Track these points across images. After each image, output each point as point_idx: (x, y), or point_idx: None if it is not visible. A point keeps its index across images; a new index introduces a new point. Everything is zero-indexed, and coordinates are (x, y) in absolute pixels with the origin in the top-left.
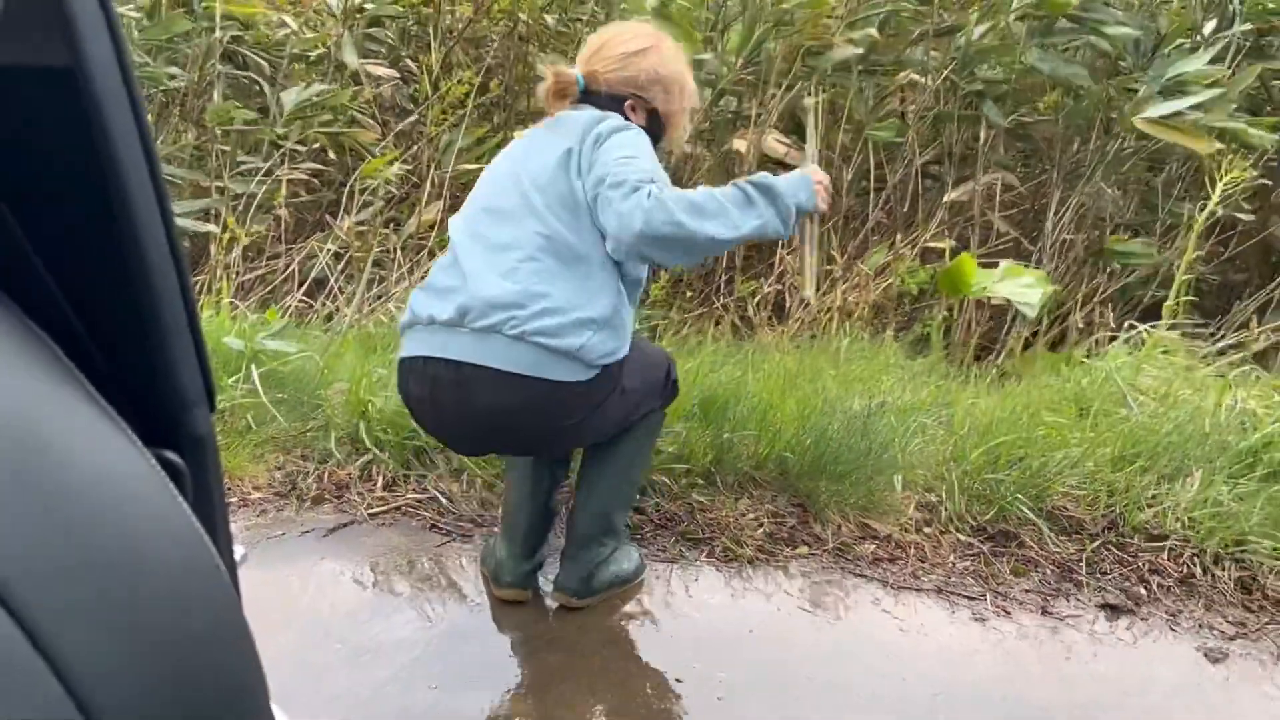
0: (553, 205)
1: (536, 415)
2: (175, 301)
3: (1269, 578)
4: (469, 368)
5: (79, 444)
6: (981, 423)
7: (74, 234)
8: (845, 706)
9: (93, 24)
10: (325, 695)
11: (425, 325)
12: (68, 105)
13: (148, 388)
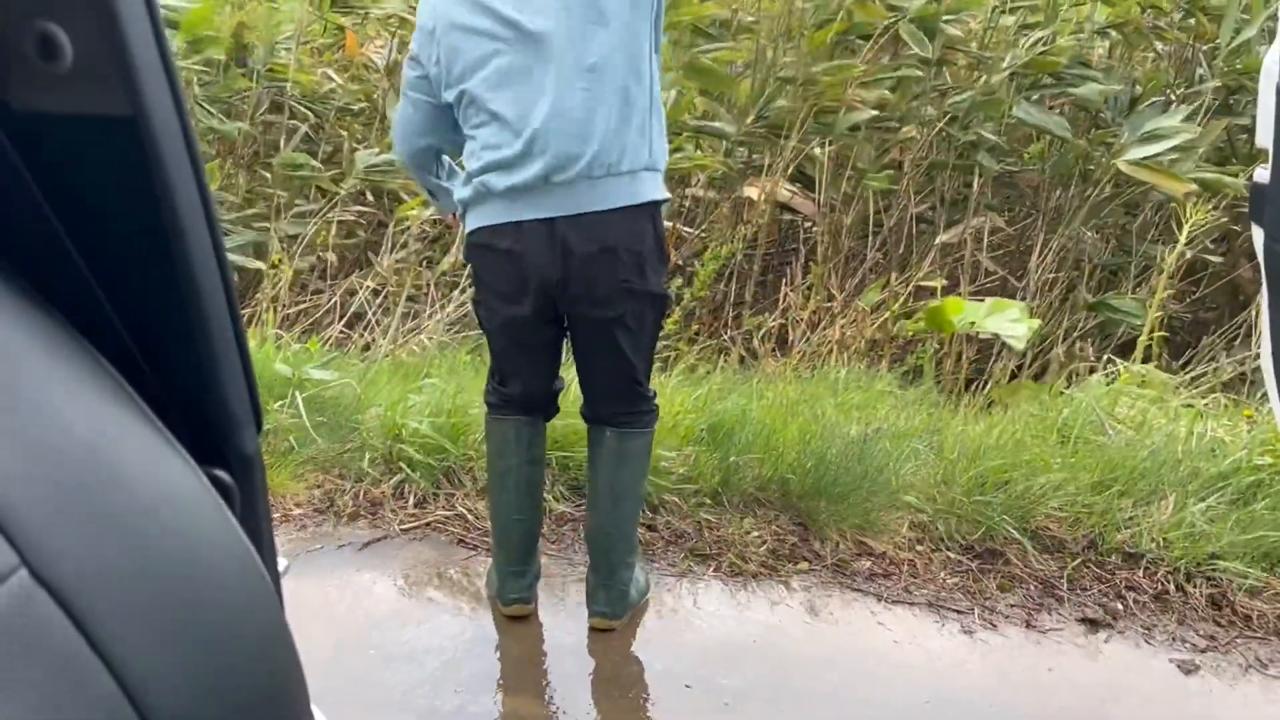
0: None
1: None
2: (226, 331)
3: (1238, 595)
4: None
5: (139, 464)
6: (970, 448)
7: (133, 268)
8: (842, 712)
9: (153, 77)
10: (360, 697)
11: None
12: (130, 150)
13: (200, 410)
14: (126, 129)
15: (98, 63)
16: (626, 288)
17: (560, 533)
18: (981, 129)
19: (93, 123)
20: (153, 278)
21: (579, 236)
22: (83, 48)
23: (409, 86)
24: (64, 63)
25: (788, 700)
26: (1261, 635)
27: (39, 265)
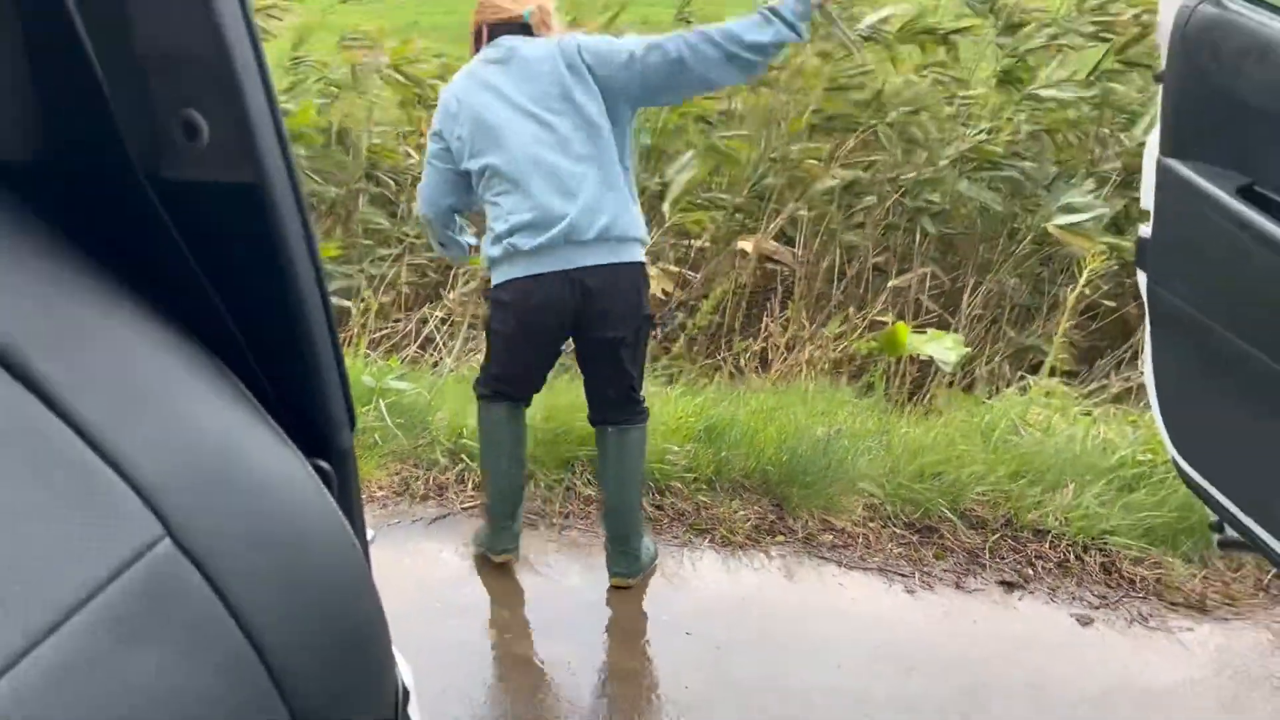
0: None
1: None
2: (327, 350)
3: (1124, 563)
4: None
5: (259, 456)
6: (912, 446)
7: (255, 301)
8: (810, 655)
9: (272, 153)
10: (430, 641)
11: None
12: (254, 209)
13: (306, 413)
14: (251, 193)
15: (229, 142)
16: (630, 314)
17: (587, 510)
18: (929, 198)
19: (225, 188)
20: (270, 308)
21: (595, 279)
22: (218, 130)
23: (433, 157)
24: (203, 142)
25: (768, 646)
26: (1143, 595)
27: (182, 299)
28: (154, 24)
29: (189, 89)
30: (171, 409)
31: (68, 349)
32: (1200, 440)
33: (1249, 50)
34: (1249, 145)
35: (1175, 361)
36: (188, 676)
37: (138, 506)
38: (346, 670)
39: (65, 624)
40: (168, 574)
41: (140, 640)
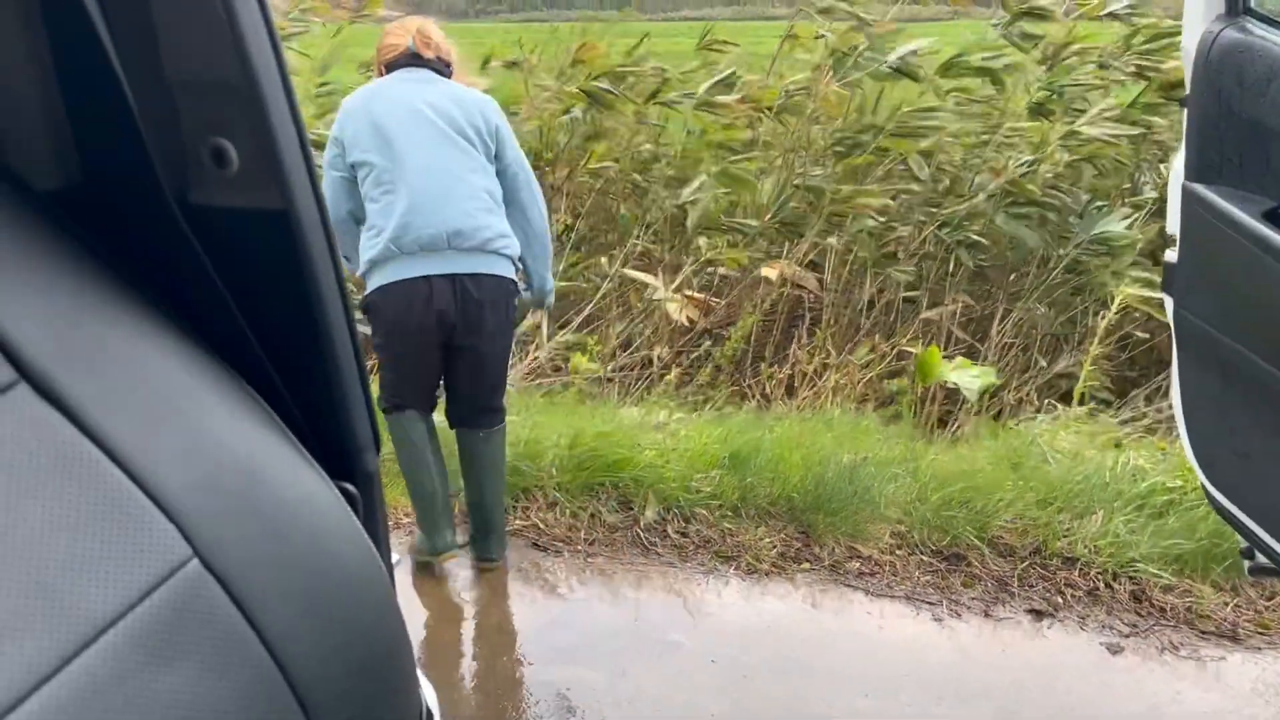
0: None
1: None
2: (353, 376)
3: (1154, 591)
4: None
5: (285, 479)
6: (939, 473)
7: (281, 326)
8: (836, 683)
9: (299, 180)
10: (455, 662)
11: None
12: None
13: (332, 437)
14: (278, 219)
15: (257, 169)
16: (502, 326)
17: (612, 538)
18: (969, 231)
19: (252, 214)
20: (296, 332)
21: (475, 286)
22: (246, 157)
23: (329, 164)
24: (232, 169)
25: (793, 673)
26: (1173, 624)
27: (210, 322)
28: (184, 55)
29: (219, 118)
30: (198, 431)
31: (97, 370)
32: (1229, 465)
33: (1273, 73)
34: (1274, 168)
35: (1203, 386)
36: (214, 694)
37: (166, 527)
38: (370, 690)
39: (96, 641)
40: (195, 594)
41: (168, 658)
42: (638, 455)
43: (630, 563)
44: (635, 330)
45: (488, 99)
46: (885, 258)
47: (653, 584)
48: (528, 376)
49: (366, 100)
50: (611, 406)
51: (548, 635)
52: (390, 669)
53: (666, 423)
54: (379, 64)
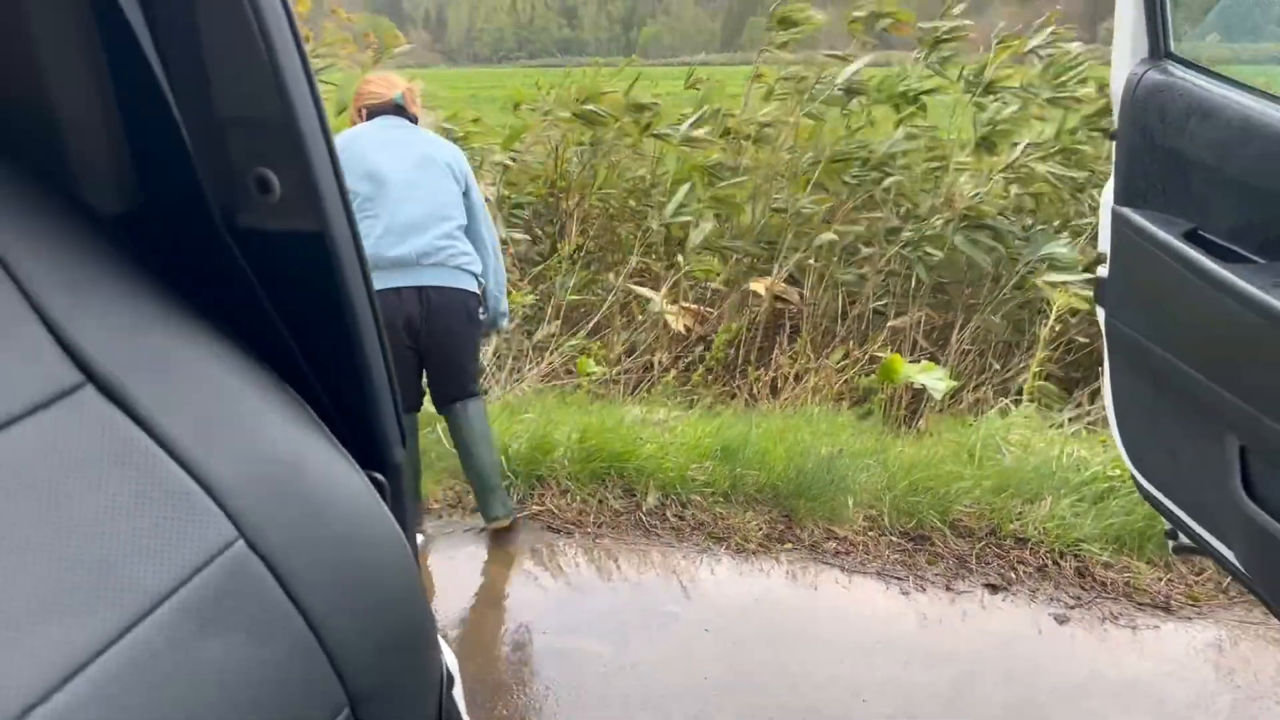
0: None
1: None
2: (382, 379)
3: (1096, 567)
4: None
5: (322, 469)
6: (906, 464)
7: (319, 334)
8: (815, 649)
9: (334, 206)
10: (475, 635)
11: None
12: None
13: (363, 432)
14: (317, 240)
15: (297, 195)
16: (465, 326)
17: (618, 521)
18: (928, 250)
19: (293, 236)
20: (332, 340)
21: (438, 296)
22: (288, 185)
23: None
24: (274, 196)
25: (778, 640)
26: (1113, 597)
27: (255, 332)
28: (233, 95)
29: (262, 149)
30: (246, 429)
31: (156, 375)
32: (1152, 455)
33: (1192, 111)
34: (1193, 195)
35: (1130, 385)
36: (257, 660)
37: (215, 512)
38: (397, 657)
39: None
40: (241, 571)
41: (216, 628)
42: (640, 448)
43: (633, 543)
44: (638, 338)
45: (455, 147)
46: (856, 275)
47: (653, 562)
48: (544, 379)
49: (355, 139)
50: (616, 405)
51: (559, 608)
52: (415, 638)
53: (665, 419)
54: (357, 108)
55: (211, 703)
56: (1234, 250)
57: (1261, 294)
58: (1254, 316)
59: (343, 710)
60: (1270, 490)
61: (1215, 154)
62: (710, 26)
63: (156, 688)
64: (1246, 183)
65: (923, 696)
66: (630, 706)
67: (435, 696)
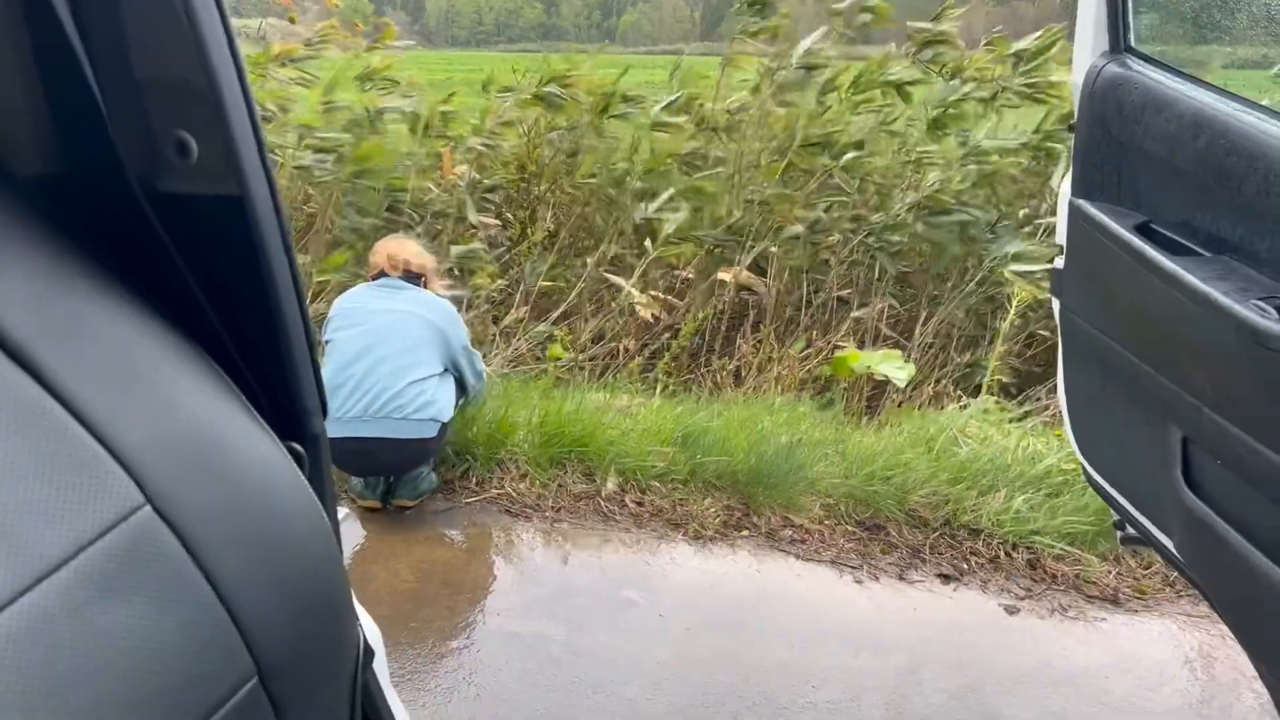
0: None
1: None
2: (302, 347)
3: (1048, 560)
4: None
5: (236, 437)
6: (864, 454)
7: (237, 300)
8: (767, 635)
9: (254, 170)
10: (426, 615)
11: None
12: (237, 219)
13: (282, 401)
14: (236, 205)
15: (216, 159)
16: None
17: (576, 505)
18: (890, 238)
19: (212, 200)
20: (251, 307)
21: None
22: (206, 148)
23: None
24: (192, 159)
25: (731, 626)
26: (1063, 589)
27: (172, 299)
28: (148, 53)
29: (180, 111)
30: (159, 395)
31: (67, 339)
32: (1101, 446)
33: (1147, 104)
34: (1145, 188)
35: (1082, 377)
36: (160, 627)
37: (122, 477)
38: (310, 629)
39: (49, 578)
40: (146, 537)
41: (118, 594)
42: (601, 433)
43: (592, 528)
44: (607, 325)
45: (446, 303)
46: (818, 264)
47: (611, 547)
48: (509, 364)
49: (345, 297)
50: (581, 390)
51: (514, 591)
52: (330, 611)
53: (628, 406)
54: (369, 275)
55: (110, 668)
56: (1182, 243)
57: (1205, 287)
58: (1197, 309)
59: (250, 679)
60: (1208, 480)
61: (1167, 147)
62: (690, 16)
63: (52, 652)
64: (1194, 176)
65: (871, 684)
66: (580, 690)
67: (351, 669)
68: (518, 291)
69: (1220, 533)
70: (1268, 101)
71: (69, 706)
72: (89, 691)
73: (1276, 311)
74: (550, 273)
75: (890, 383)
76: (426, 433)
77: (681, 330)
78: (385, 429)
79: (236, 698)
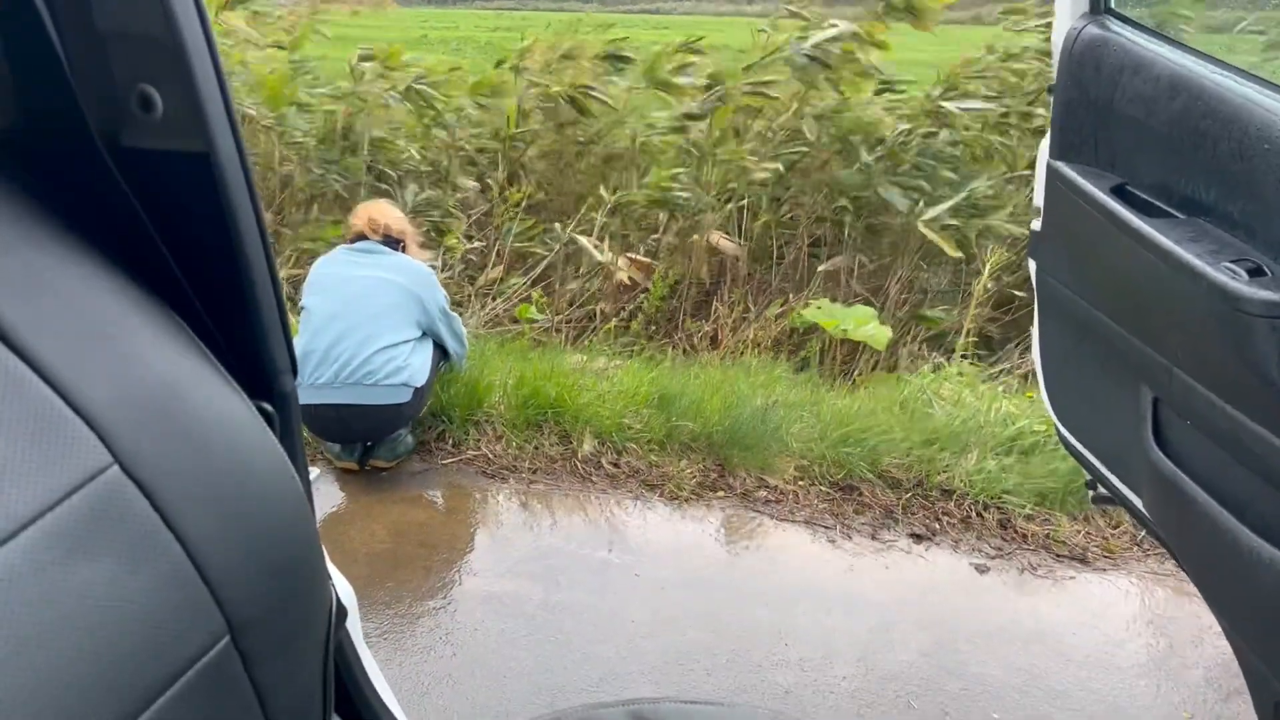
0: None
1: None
2: (271, 304)
3: (1018, 519)
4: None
5: (204, 395)
6: (839, 415)
7: (204, 257)
8: (741, 595)
9: (220, 125)
10: (402, 575)
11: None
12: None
13: (251, 359)
14: (201, 160)
15: (181, 114)
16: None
17: (553, 467)
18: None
19: (177, 156)
20: (218, 264)
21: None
22: (170, 103)
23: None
24: (157, 114)
25: (705, 586)
26: (1033, 548)
27: (138, 256)
28: (110, 4)
29: (144, 65)
30: (124, 351)
31: (29, 294)
32: (1076, 409)
33: (1125, 66)
34: (1122, 150)
35: (1057, 339)
36: (129, 586)
37: (89, 436)
38: (281, 587)
39: (15, 538)
40: (114, 497)
41: (86, 553)
42: (577, 395)
43: (568, 490)
44: (584, 288)
45: (423, 267)
46: (783, 221)
47: (588, 509)
48: (485, 325)
49: (322, 261)
50: (557, 352)
51: (491, 551)
52: (301, 569)
53: (604, 368)
54: (348, 237)
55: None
56: (1157, 206)
57: (1177, 249)
58: (1170, 271)
59: (223, 638)
60: (1177, 440)
61: (1143, 108)
62: None
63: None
64: (1170, 138)
65: (843, 642)
66: (553, 648)
67: (323, 628)
68: (493, 253)
69: (1188, 491)
70: (1244, 65)
71: (36, 665)
72: (57, 650)
73: (1247, 274)
74: (527, 233)
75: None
76: (399, 398)
77: (652, 291)
78: (356, 395)
79: (208, 656)
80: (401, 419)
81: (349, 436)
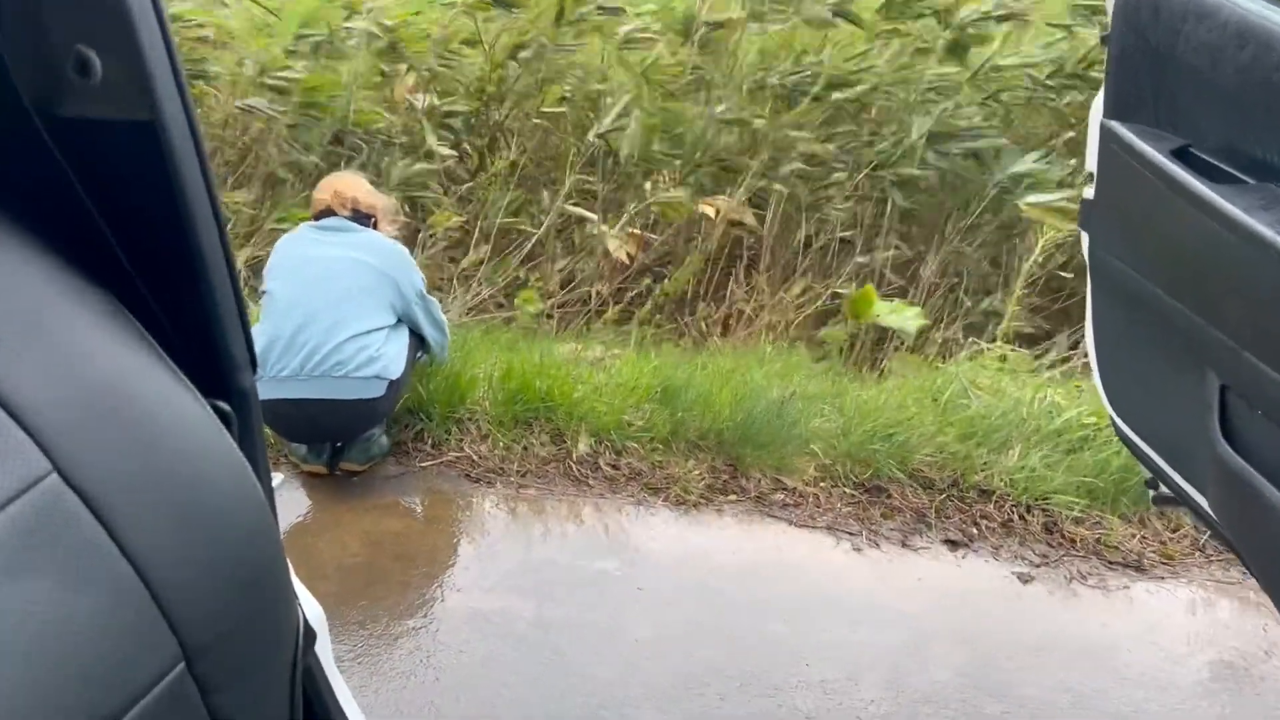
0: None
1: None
2: (227, 291)
3: (1066, 523)
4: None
5: (153, 394)
6: (864, 408)
7: (152, 240)
8: (756, 609)
9: (168, 90)
10: (377, 592)
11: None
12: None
13: (205, 353)
14: (147, 131)
15: (123, 79)
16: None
17: (544, 470)
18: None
19: (120, 126)
20: (167, 248)
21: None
22: (111, 67)
23: None
24: (95, 78)
25: (715, 600)
26: (1082, 555)
27: (76, 238)
28: None
29: (82, 25)
30: (62, 346)
31: None
32: (1134, 398)
33: (1188, 12)
34: (1184, 107)
35: (1113, 321)
36: (74, 608)
37: (24, 441)
38: (242, 608)
39: None
40: (54, 508)
41: (24, 570)
42: (571, 389)
43: (562, 494)
44: (577, 266)
45: (396, 246)
46: (821, 200)
47: (584, 515)
48: (468, 312)
49: (285, 240)
50: (548, 341)
51: (478, 564)
52: (264, 588)
53: (601, 358)
54: (312, 213)
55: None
56: (1224, 170)
57: (1246, 217)
58: (1238, 242)
59: (177, 664)
60: (1247, 432)
61: (1208, 60)
62: None
63: None
64: (1237, 92)
65: (870, 661)
66: (547, 670)
67: (289, 653)
68: (476, 229)
69: (1259, 490)
70: None
71: None
72: None
73: None
74: (513, 208)
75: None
76: (372, 392)
77: (671, 276)
78: (324, 389)
79: (161, 684)
80: (375, 416)
81: (316, 436)
